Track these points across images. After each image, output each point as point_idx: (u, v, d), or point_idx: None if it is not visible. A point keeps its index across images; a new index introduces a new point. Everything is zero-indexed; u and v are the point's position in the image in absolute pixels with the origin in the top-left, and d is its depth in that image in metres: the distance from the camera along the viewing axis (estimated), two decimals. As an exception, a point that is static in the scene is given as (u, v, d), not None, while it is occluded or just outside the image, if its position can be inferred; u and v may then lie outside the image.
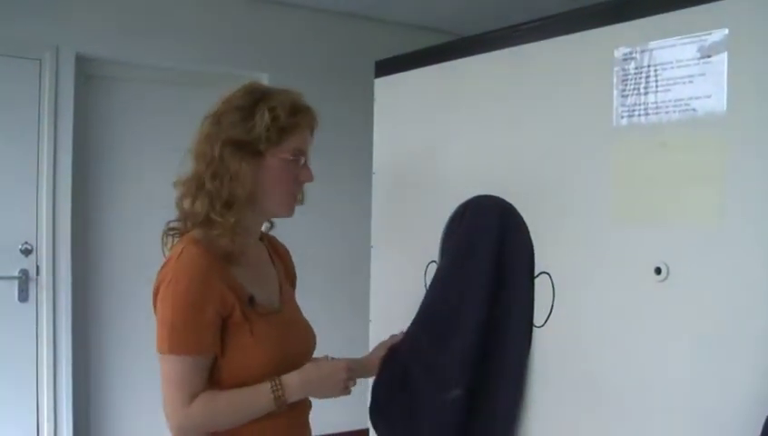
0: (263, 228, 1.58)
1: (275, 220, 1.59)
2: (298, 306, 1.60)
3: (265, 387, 1.34)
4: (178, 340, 1.30)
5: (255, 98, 1.40)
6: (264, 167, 1.39)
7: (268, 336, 1.39)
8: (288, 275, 1.62)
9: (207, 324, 1.31)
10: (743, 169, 1.19)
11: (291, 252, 1.66)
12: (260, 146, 1.37)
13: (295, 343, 1.47)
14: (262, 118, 1.36)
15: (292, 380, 1.37)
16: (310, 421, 1.54)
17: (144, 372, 3.23)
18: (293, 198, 1.46)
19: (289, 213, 1.48)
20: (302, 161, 1.44)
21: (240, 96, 1.41)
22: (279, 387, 1.34)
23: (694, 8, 1.25)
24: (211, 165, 1.37)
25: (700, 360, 1.24)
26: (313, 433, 1.55)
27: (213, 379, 1.35)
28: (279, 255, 1.61)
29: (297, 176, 1.44)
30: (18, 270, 3.08)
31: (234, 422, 1.35)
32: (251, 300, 1.39)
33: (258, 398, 1.34)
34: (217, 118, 1.40)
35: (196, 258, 1.33)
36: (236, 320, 1.35)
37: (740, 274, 1.19)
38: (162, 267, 1.37)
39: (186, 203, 1.40)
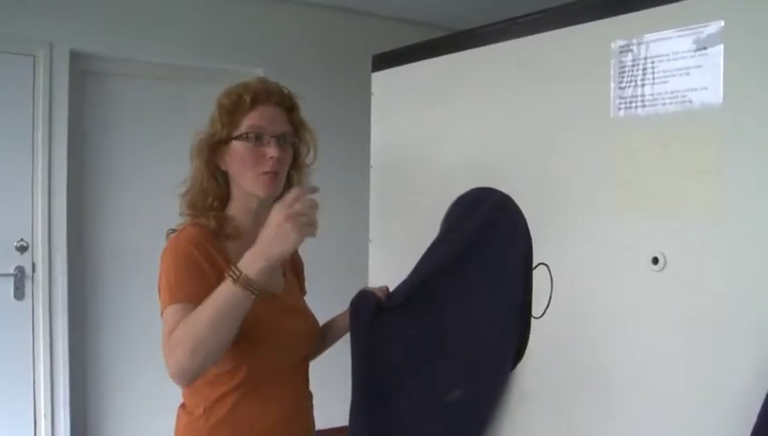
0: None
1: None
2: (302, 297, 1.64)
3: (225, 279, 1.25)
4: (174, 292, 1.32)
5: (220, 94, 1.49)
6: (230, 152, 1.45)
7: (264, 315, 1.40)
8: (295, 269, 1.65)
9: (201, 279, 1.33)
10: (739, 160, 1.20)
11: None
12: (218, 136, 1.45)
13: (292, 327, 1.49)
14: (215, 109, 1.46)
15: (246, 255, 1.26)
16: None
17: (142, 369, 3.24)
18: (265, 176, 1.45)
19: (265, 191, 1.46)
20: (266, 139, 1.45)
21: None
22: (234, 269, 1.23)
23: (689, 0, 1.26)
24: (191, 170, 1.49)
25: (697, 348, 1.25)
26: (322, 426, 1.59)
27: None
28: None
29: (264, 155, 1.44)
30: (14, 267, 3.07)
31: (217, 327, 1.22)
32: None
33: (222, 290, 1.23)
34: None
35: (190, 230, 1.42)
36: None
37: (737, 263, 1.20)
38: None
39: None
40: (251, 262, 1.23)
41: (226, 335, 1.23)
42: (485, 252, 1.60)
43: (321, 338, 1.62)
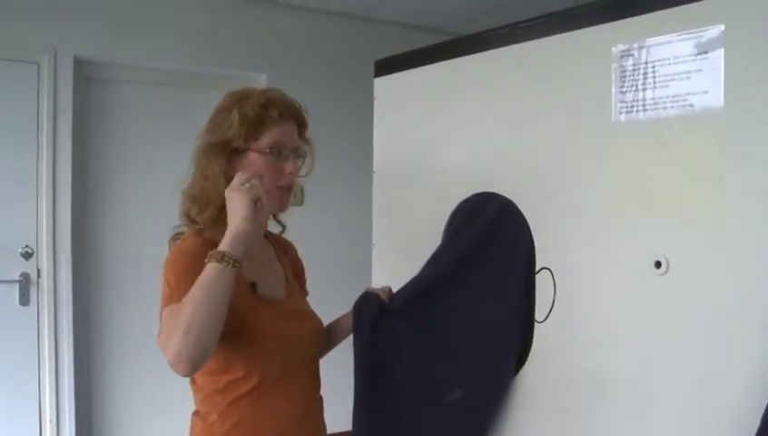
0: (276, 230, 1.64)
1: (285, 222, 1.64)
2: (305, 299, 1.65)
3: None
4: (174, 294, 1.31)
5: (234, 100, 1.46)
6: (247, 163, 1.43)
7: (271, 321, 1.44)
8: (296, 271, 1.66)
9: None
10: (740, 163, 1.20)
11: (292, 252, 1.68)
12: (235, 144, 1.43)
13: (298, 330, 1.50)
14: (234, 116, 1.42)
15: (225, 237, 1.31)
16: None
17: (147, 374, 3.25)
18: (280, 191, 1.47)
19: (279, 206, 1.50)
20: (285, 153, 1.46)
21: (222, 100, 1.49)
22: (213, 251, 1.28)
23: (690, 5, 1.26)
24: (196, 170, 1.46)
25: (700, 352, 1.25)
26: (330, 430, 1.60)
27: (228, 363, 1.40)
28: (285, 252, 1.65)
29: (282, 169, 1.45)
30: (19, 273, 3.08)
31: (203, 304, 1.23)
32: (253, 286, 1.45)
33: (203, 272, 1.26)
34: (207, 125, 1.48)
35: (192, 240, 1.42)
36: (239, 305, 1.38)
37: (740, 267, 1.20)
38: None
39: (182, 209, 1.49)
40: (223, 240, 1.29)
41: (214, 311, 1.24)
42: (488, 257, 1.60)
43: (327, 339, 1.63)
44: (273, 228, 1.65)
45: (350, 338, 1.64)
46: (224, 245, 1.28)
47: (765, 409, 1.10)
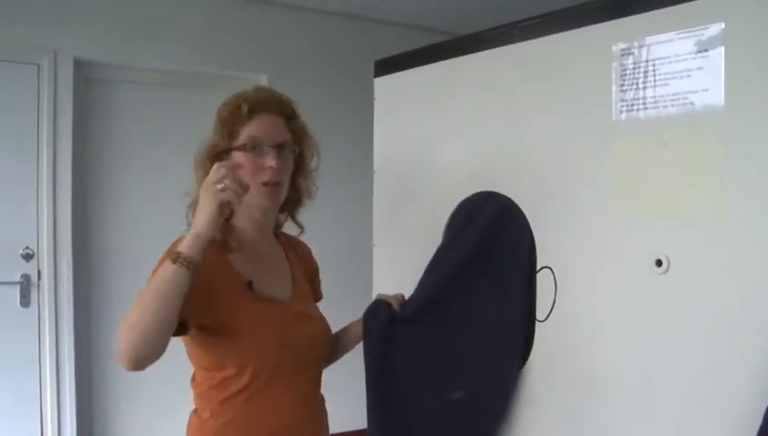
0: (294, 232, 1.65)
1: (282, 222, 1.64)
2: (312, 302, 1.63)
3: None
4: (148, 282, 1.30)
5: (221, 104, 1.49)
6: (232, 164, 1.43)
7: (266, 321, 1.43)
8: (307, 273, 1.65)
9: None
10: (741, 161, 1.20)
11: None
12: (219, 147, 1.45)
13: (298, 334, 1.49)
14: (216, 120, 1.47)
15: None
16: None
17: (147, 375, 3.24)
18: (265, 187, 1.45)
19: (265, 201, 1.47)
20: (265, 148, 1.45)
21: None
22: (173, 250, 1.27)
23: (690, 3, 1.27)
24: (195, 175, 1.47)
25: (700, 350, 1.25)
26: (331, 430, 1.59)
27: (221, 359, 1.41)
28: (297, 254, 1.65)
29: (263, 164, 1.44)
30: (20, 275, 3.08)
31: (151, 303, 1.23)
32: (250, 284, 1.44)
33: (161, 269, 1.26)
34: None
35: None
36: (232, 301, 1.38)
37: (740, 265, 1.20)
38: None
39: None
40: (185, 240, 1.27)
41: (159, 313, 1.23)
42: (489, 258, 1.60)
43: (333, 344, 1.61)
44: (291, 230, 1.65)
45: (359, 345, 1.64)
46: (184, 245, 1.25)
47: (767, 409, 1.10)
